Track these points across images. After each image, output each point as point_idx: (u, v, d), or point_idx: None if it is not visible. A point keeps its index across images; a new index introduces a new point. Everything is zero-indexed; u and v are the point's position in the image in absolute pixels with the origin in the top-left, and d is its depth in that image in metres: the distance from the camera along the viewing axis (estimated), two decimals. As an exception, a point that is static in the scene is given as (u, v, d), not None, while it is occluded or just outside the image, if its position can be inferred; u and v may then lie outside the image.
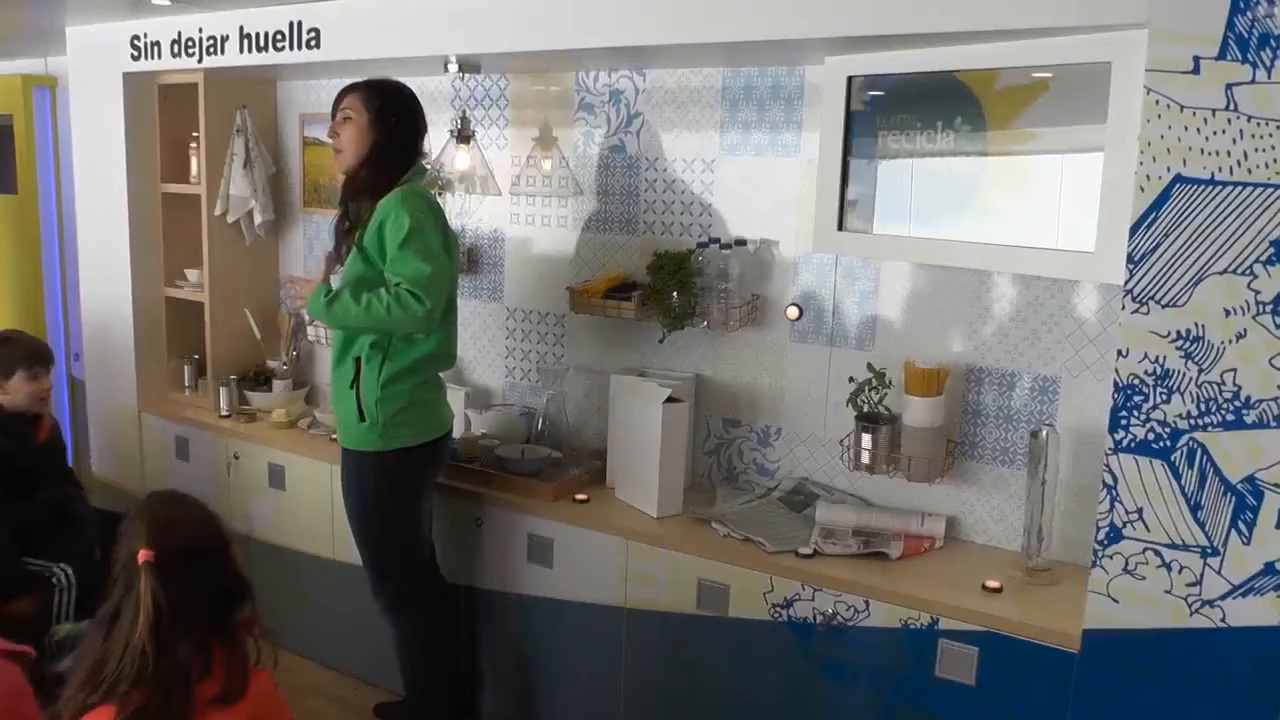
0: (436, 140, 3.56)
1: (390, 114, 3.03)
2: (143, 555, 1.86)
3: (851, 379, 3.01)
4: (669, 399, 3.08)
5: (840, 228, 2.87)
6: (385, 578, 3.18)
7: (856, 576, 2.73)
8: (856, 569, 2.77)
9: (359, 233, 2.96)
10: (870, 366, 2.97)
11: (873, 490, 3.13)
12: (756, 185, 3.24)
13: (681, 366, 3.41)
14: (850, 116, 2.81)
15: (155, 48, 4.14)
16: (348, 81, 3.14)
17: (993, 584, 2.67)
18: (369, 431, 3.02)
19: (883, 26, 2.51)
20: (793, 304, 3.18)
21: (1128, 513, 2.23)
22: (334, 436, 3.79)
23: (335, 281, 3.07)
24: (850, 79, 2.78)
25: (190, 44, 4.00)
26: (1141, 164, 2.12)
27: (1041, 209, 2.60)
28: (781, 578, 2.79)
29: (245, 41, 3.79)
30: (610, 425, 3.36)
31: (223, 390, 4.26)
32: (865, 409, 2.98)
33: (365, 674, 3.77)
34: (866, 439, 2.95)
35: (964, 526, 3.02)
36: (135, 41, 4.21)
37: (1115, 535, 2.25)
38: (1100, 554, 2.27)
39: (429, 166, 3.26)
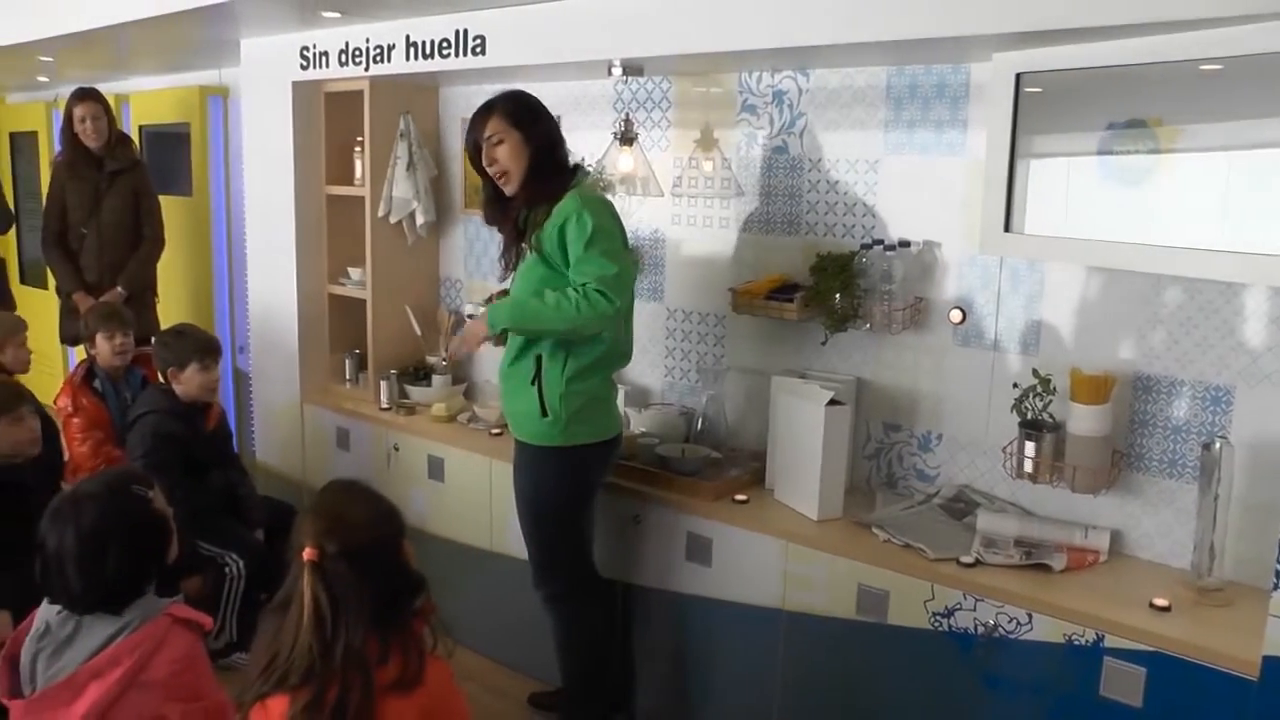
0: (599, 143, 3.71)
1: (534, 119, 3.14)
2: (307, 553, 1.97)
3: (1015, 385, 3.02)
4: (831, 401, 3.13)
5: (1007, 229, 2.85)
6: (551, 571, 3.30)
7: (1019, 588, 2.73)
8: (1019, 580, 2.77)
9: (534, 237, 3.07)
10: (1035, 372, 2.96)
11: (1034, 500, 3.12)
12: (920, 185, 3.26)
13: (842, 369, 3.47)
14: (1017, 114, 2.79)
15: (323, 57, 4.42)
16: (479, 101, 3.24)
17: (1161, 602, 2.61)
18: (550, 427, 3.12)
19: (1054, 21, 2.48)
20: (956, 307, 3.20)
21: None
22: (494, 431, 4.02)
23: (506, 286, 3.21)
24: (1019, 76, 2.76)
25: (357, 53, 4.25)
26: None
27: (1213, 208, 2.55)
28: (943, 586, 2.81)
29: (411, 50, 4.01)
30: (771, 427, 3.43)
31: (383, 384, 4.50)
32: (1029, 416, 2.98)
33: (519, 664, 3.91)
34: (1030, 447, 2.94)
35: (1129, 541, 2.98)
36: (304, 52, 4.50)
37: (1301, 556, 2.19)
38: (1283, 575, 2.22)
39: (590, 168, 3.37)
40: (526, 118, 3.12)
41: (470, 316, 4.22)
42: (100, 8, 4.40)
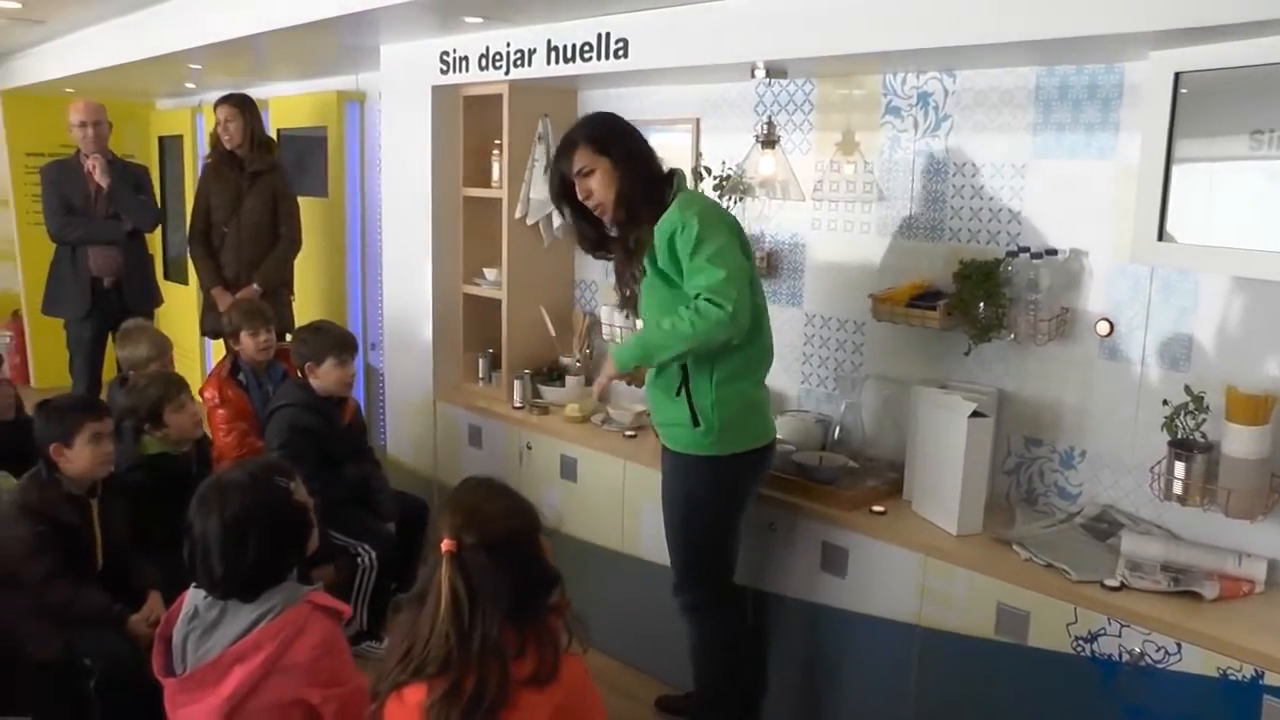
0: (740, 146, 3.74)
1: (618, 138, 3.12)
2: (445, 545, 2.03)
3: (1165, 402, 2.94)
4: (974, 413, 3.10)
5: (1160, 237, 2.76)
6: (694, 581, 3.29)
7: (1168, 615, 2.65)
8: (1168, 607, 2.69)
9: (647, 258, 3.06)
10: (1188, 389, 2.87)
11: (1182, 523, 3.03)
12: (1068, 191, 3.21)
13: (984, 380, 3.43)
14: (1174, 116, 2.69)
15: (463, 62, 4.55)
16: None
17: (1327, 639, 2.49)
18: (703, 436, 3.11)
19: (1218, 16, 2.36)
20: (1103, 319, 3.14)
21: None
22: (628, 433, 4.09)
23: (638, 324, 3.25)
24: (1178, 75, 2.66)
25: (497, 58, 4.36)
26: None
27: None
28: (1086, 609, 2.76)
29: (552, 54, 4.09)
30: (910, 437, 3.42)
31: (517, 383, 4.60)
32: (1179, 435, 2.89)
33: (647, 666, 3.97)
34: (1180, 468, 2.84)
35: (1286, 572, 2.89)
36: (444, 57, 4.63)
37: None
38: None
39: (731, 171, 3.39)
40: (610, 139, 3.11)
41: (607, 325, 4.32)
42: (248, 17, 4.61)
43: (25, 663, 3.19)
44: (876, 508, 3.35)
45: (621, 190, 3.08)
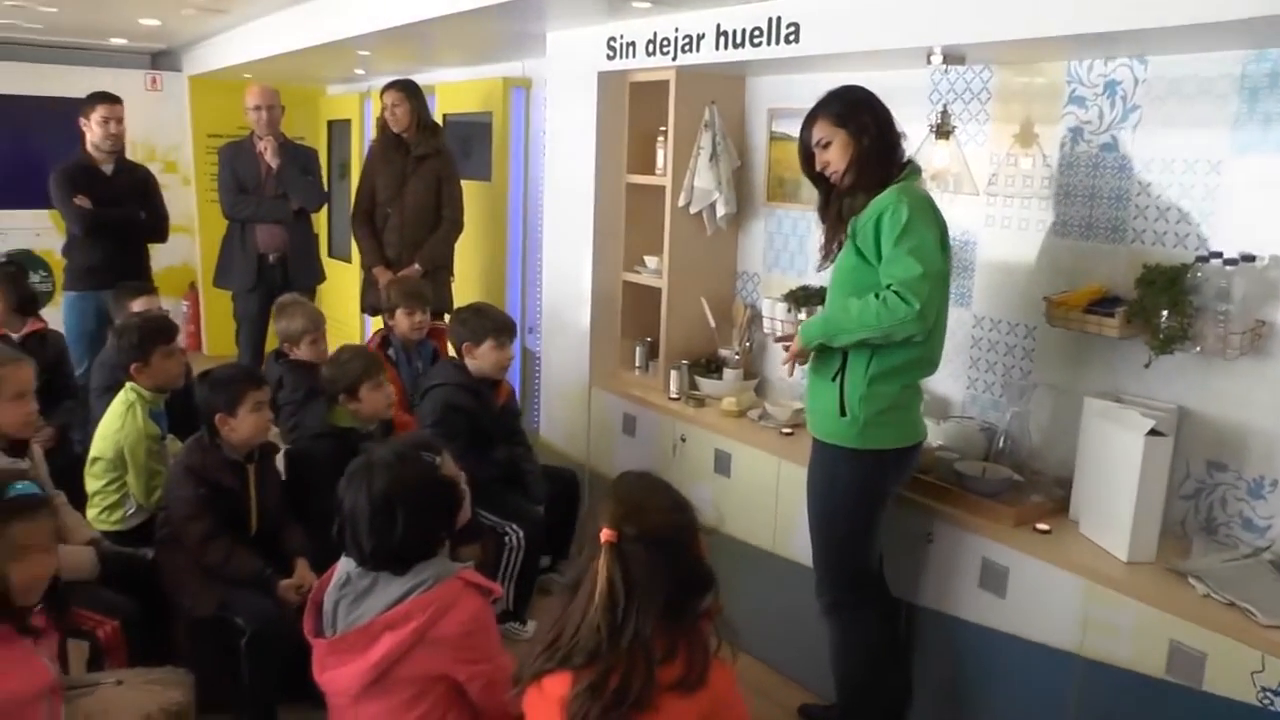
0: (913, 136, 3.61)
1: (859, 112, 3.13)
2: (605, 535, 2.03)
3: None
4: (1152, 431, 2.95)
5: None
6: (833, 579, 3.30)
7: None
8: None
9: (851, 224, 3.10)
10: None
11: None
12: (1272, 191, 3.00)
13: (1164, 395, 3.25)
14: None
15: (630, 48, 4.55)
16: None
17: None
18: (847, 428, 3.13)
19: None
20: (1307, 333, 2.95)
21: None
22: (785, 430, 4.06)
23: (826, 277, 3.26)
24: None
25: (665, 43, 4.35)
26: None
27: None
28: (1275, 657, 2.56)
29: (721, 39, 4.06)
30: (1079, 452, 3.27)
31: (674, 373, 4.61)
32: None
33: (793, 672, 3.93)
34: None
35: None
36: (611, 43, 4.65)
37: None
38: None
39: (921, 164, 3.31)
40: (850, 113, 3.13)
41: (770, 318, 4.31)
42: (416, 3, 4.70)
43: (184, 617, 3.44)
44: (1041, 526, 3.23)
45: (852, 159, 3.12)
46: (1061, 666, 3.04)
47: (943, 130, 3.54)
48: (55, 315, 5.65)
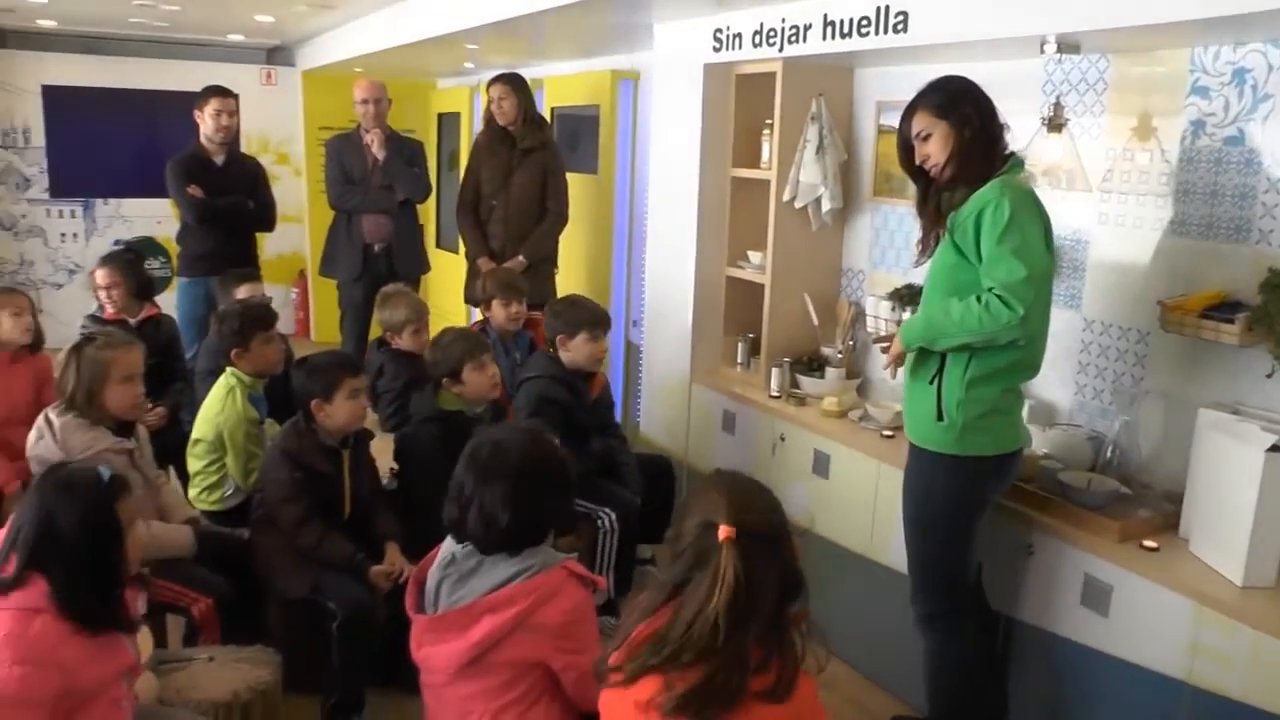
0: (1023, 130, 3.49)
1: (960, 103, 3.06)
2: (725, 531, 1.99)
3: None
4: (1273, 448, 2.79)
5: None
6: (928, 588, 3.25)
7: None
8: None
9: (950, 219, 3.03)
10: None
11: None
12: None
13: (1286, 408, 3.09)
14: None
15: (736, 39, 4.52)
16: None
17: None
18: (944, 433, 3.07)
19: None
20: None
21: None
22: (886, 433, 3.99)
23: (923, 272, 3.20)
24: None
25: (771, 34, 4.30)
26: None
27: None
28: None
29: (828, 29, 3.99)
30: (1191, 466, 3.12)
31: (775, 371, 4.56)
32: None
33: (885, 681, 3.87)
34: None
35: None
36: (717, 34, 4.62)
37: None
38: None
39: (1025, 159, 3.21)
40: (951, 104, 3.06)
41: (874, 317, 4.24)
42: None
43: (277, 598, 3.54)
44: (1148, 543, 3.08)
45: (953, 152, 3.05)
46: (1167, 694, 2.90)
47: (1055, 123, 3.42)
48: (172, 300, 5.85)
